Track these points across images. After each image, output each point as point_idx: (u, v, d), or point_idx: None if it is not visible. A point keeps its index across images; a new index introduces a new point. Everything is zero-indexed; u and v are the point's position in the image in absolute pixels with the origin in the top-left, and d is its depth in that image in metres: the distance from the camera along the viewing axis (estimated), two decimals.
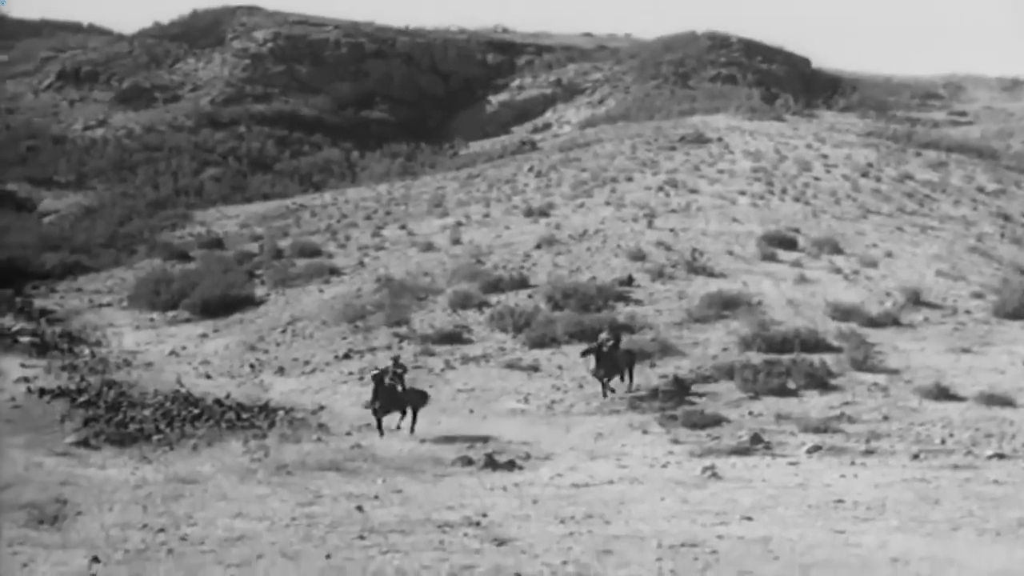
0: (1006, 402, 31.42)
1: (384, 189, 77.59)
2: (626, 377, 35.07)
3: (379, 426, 30.89)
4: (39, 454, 26.91)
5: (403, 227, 60.77)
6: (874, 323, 39.89)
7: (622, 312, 41.59)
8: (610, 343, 34.49)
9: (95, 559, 17.38)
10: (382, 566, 17.17)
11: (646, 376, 35.57)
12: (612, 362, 34.34)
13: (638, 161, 71.60)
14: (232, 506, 21.62)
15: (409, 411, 31.70)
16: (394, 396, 31.42)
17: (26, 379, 35.57)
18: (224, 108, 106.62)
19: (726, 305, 41.36)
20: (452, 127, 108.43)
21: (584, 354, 34.74)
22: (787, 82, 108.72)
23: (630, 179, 65.84)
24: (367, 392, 32.57)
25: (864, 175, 67.38)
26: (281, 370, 39.41)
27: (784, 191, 61.55)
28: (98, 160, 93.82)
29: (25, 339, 43.05)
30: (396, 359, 33.87)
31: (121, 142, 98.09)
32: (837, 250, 49.68)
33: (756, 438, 28.56)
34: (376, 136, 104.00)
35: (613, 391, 34.20)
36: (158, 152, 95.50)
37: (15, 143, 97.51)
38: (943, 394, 32.29)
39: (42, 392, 33.23)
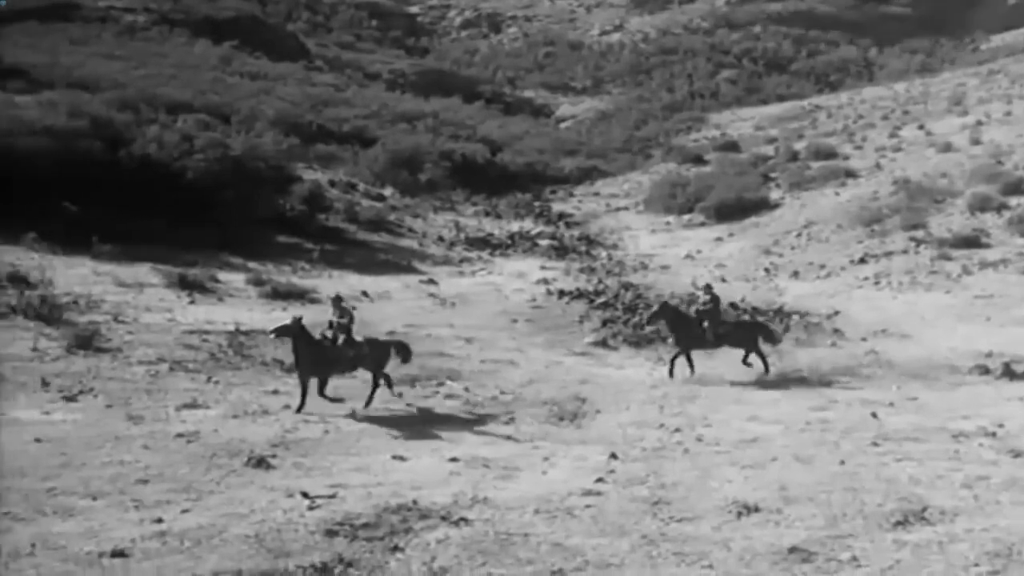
0: None
1: (902, 87, 75.52)
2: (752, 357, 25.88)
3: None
4: (558, 353, 27.94)
5: (921, 127, 58.79)
6: None
7: None
8: (705, 306, 25.99)
9: (613, 455, 17.81)
10: (896, 473, 16.65)
11: None
12: (694, 332, 25.57)
13: None
14: (746, 409, 21.65)
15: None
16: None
17: (545, 281, 37.05)
18: (739, 8, 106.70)
19: None
20: (973, 20, 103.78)
21: (650, 321, 27.01)
22: None
23: None
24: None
25: None
26: (795, 274, 39.07)
27: None
28: (614, 64, 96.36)
29: (544, 242, 44.83)
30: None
31: (637, 46, 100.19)
32: None
33: None
34: (894, 32, 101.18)
35: (692, 371, 25.18)
36: (673, 55, 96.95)
37: (533, 50, 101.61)
38: None
39: (561, 293, 34.41)
